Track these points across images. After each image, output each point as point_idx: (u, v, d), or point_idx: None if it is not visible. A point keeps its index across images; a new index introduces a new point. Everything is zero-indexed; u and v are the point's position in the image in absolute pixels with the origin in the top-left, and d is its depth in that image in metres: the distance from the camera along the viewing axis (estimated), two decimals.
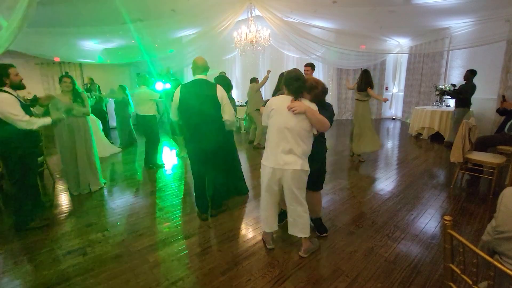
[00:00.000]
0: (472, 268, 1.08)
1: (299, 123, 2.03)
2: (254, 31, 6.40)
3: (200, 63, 2.76)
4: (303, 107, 2.01)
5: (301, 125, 2.04)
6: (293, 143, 2.05)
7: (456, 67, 6.79)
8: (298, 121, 2.03)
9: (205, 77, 2.77)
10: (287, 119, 2.04)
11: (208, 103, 2.68)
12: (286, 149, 2.06)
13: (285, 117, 2.04)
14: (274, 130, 2.10)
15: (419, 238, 2.50)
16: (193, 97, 2.66)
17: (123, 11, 4.96)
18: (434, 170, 4.37)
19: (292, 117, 2.03)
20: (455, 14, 5.50)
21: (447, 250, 1.19)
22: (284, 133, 2.05)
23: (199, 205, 2.99)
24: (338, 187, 3.72)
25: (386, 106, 10.08)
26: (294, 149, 2.06)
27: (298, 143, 2.06)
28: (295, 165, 2.06)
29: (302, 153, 2.09)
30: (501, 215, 1.09)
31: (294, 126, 2.03)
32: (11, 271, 2.20)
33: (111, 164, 5.22)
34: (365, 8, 5.43)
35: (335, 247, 2.39)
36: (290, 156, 2.07)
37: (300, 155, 2.08)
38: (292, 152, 2.06)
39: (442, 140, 6.08)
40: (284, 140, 2.06)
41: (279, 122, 2.06)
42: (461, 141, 3.35)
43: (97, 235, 2.68)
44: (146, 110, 4.67)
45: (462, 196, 3.39)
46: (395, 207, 3.10)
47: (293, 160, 2.06)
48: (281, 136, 2.06)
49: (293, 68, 2.22)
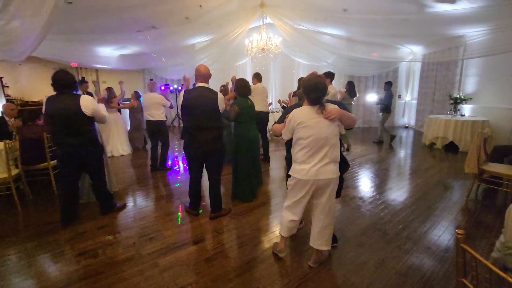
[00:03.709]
0: (485, 284, 1.05)
1: (333, 130, 2.02)
2: (266, 39, 6.48)
3: (203, 72, 2.88)
4: (338, 112, 2.01)
5: (334, 132, 2.03)
6: (330, 152, 2.03)
7: (471, 75, 6.65)
8: (331, 129, 2.01)
9: (207, 85, 2.92)
10: (320, 129, 2.00)
11: (208, 109, 2.84)
12: (325, 159, 2.03)
13: (317, 127, 2.00)
14: (308, 143, 2.03)
15: (432, 250, 2.43)
16: (195, 102, 2.82)
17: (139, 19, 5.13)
18: (448, 181, 4.25)
19: (324, 125, 2.00)
20: (470, 22, 5.41)
21: (460, 264, 1.17)
22: (320, 143, 2.01)
23: (192, 202, 3.19)
24: (348, 196, 3.67)
25: (399, 114, 9.94)
26: (332, 158, 2.05)
27: (333, 151, 2.05)
28: (333, 173, 2.07)
29: (337, 159, 2.10)
30: (510, 230, 1.06)
31: (329, 135, 2.01)
32: (25, 271, 2.26)
33: (122, 167, 5.33)
34: (377, 17, 5.42)
35: (344, 257, 2.36)
36: (330, 166, 2.05)
37: (336, 162, 2.10)
38: (331, 161, 2.05)
39: (456, 150, 5.93)
40: (321, 151, 2.02)
41: (312, 133, 2.00)
42: (476, 152, 3.26)
43: (109, 238, 2.74)
44: (157, 115, 4.78)
45: (477, 208, 3.29)
46: (407, 218, 3.03)
47: (333, 169, 2.07)
48: (317, 147, 2.02)
49: (313, 75, 2.14)
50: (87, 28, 5.75)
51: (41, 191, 4.01)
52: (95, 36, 6.21)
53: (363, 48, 7.91)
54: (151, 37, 6.49)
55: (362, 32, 6.95)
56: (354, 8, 5.30)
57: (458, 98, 6.26)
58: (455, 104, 6.33)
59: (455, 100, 6.30)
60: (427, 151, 6.22)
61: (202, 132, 2.86)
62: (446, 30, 6.21)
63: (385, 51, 8.44)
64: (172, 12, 5.43)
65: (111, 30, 6.01)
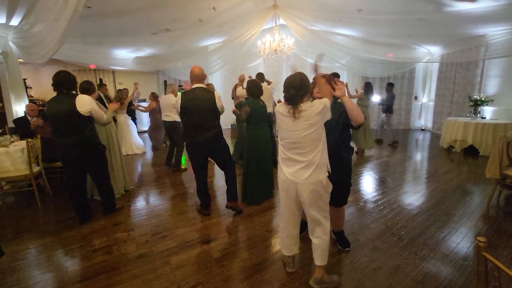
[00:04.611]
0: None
1: (309, 135, 1.80)
2: (278, 40, 6.47)
3: (197, 73, 2.96)
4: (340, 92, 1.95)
5: (311, 136, 1.81)
6: (308, 155, 1.83)
7: (493, 76, 6.38)
8: (306, 133, 1.80)
9: (203, 85, 2.99)
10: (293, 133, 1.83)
11: (206, 109, 2.91)
12: (300, 163, 1.85)
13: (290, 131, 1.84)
14: (283, 144, 1.93)
15: (450, 258, 2.34)
16: (192, 103, 2.89)
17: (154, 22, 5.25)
18: (467, 186, 4.09)
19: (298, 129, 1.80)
20: (491, 21, 5.20)
21: (481, 274, 1.11)
22: (294, 146, 1.86)
23: (201, 202, 3.24)
24: (361, 199, 3.60)
25: (415, 116, 9.66)
26: (311, 161, 1.83)
27: (313, 154, 1.82)
28: (312, 177, 1.83)
29: (319, 162, 1.85)
30: None
31: (303, 140, 1.81)
32: (44, 264, 2.35)
33: (137, 166, 5.45)
34: (392, 16, 5.30)
35: (357, 262, 2.31)
36: (308, 169, 1.84)
37: (317, 165, 1.84)
38: (309, 164, 1.83)
39: (476, 154, 5.70)
40: (297, 155, 1.85)
41: (285, 136, 1.87)
42: (498, 156, 3.12)
43: (123, 235, 2.80)
44: (171, 116, 4.91)
45: (499, 215, 3.14)
46: (423, 224, 2.93)
47: (310, 173, 1.83)
48: (292, 151, 1.87)
49: (296, 72, 1.93)
50: (104, 31, 5.94)
51: (59, 188, 4.17)
52: (112, 39, 6.40)
53: (378, 48, 7.75)
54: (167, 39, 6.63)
55: (377, 32, 6.82)
56: (369, 8, 5.21)
57: (479, 100, 6.02)
58: (475, 106, 6.09)
59: (475, 102, 6.07)
60: (445, 154, 6.02)
61: (201, 132, 2.93)
62: (466, 30, 5.99)
63: (401, 52, 8.23)
64: (185, 15, 5.52)
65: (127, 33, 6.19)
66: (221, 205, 3.47)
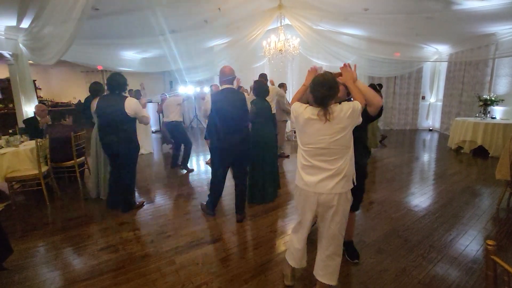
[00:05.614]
0: None
1: (339, 140, 1.64)
2: (283, 40, 6.45)
3: (228, 73, 2.94)
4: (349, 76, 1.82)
5: (340, 142, 1.65)
6: (335, 162, 1.67)
7: (503, 76, 6.25)
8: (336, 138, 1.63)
9: (232, 86, 2.96)
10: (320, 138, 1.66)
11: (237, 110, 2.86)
12: (327, 171, 1.68)
13: (316, 135, 1.67)
14: (306, 151, 1.74)
15: (458, 261, 2.29)
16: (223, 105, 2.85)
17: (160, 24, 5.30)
18: (476, 187, 4.01)
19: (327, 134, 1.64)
20: (501, 19, 5.10)
21: (490, 278, 1.09)
22: (321, 152, 1.68)
23: (211, 202, 3.20)
24: (367, 200, 3.56)
25: (423, 116, 9.53)
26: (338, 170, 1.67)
27: (340, 162, 1.67)
28: (340, 187, 1.68)
29: (347, 172, 1.69)
30: None
31: (332, 145, 1.65)
32: (52, 262, 2.39)
33: (144, 166, 5.50)
34: (399, 15, 5.24)
35: (363, 264, 2.28)
36: (334, 178, 1.67)
37: (345, 175, 1.68)
38: (336, 173, 1.67)
39: (486, 154, 5.58)
40: (323, 162, 1.68)
41: (310, 142, 1.70)
42: (508, 157, 3.05)
43: (129, 234, 2.83)
44: (173, 117, 4.94)
45: (509, 218, 3.07)
46: (431, 226, 2.88)
47: (337, 182, 1.67)
48: (317, 158, 1.70)
49: (325, 71, 1.77)
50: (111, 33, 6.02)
51: (67, 188, 4.24)
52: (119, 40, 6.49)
53: (384, 48, 7.68)
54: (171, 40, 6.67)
55: (384, 31, 6.75)
56: (376, 7, 5.16)
57: (489, 100, 5.91)
58: (484, 106, 5.98)
59: (484, 101, 5.96)
60: (453, 155, 5.91)
61: (232, 135, 2.86)
62: (475, 28, 5.88)
63: (408, 51, 8.14)
64: (191, 16, 5.55)
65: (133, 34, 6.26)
66: (225, 205, 3.48)
